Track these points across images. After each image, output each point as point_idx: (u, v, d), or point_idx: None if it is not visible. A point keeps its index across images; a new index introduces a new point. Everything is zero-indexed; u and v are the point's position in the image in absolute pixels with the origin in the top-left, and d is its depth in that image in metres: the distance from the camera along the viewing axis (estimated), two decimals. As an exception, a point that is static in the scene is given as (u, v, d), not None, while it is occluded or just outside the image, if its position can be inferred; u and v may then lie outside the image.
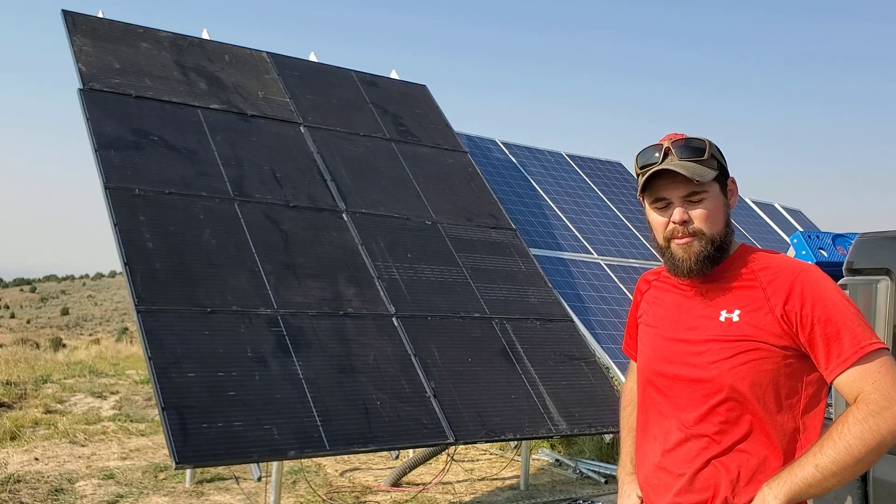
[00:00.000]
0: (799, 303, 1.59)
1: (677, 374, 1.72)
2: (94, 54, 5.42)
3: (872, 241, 2.96)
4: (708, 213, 1.67)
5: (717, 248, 1.68)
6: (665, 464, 1.73)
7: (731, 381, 1.63)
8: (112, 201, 4.50)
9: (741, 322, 1.64)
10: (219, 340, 4.12)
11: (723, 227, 1.70)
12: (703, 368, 1.67)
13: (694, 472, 1.67)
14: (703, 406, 1.67)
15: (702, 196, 1.67)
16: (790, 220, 10.32)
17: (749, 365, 1.62)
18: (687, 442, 1.69)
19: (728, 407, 1.64)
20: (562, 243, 7.16)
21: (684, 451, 1.69)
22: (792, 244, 4.97)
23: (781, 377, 1.62)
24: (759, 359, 1.62)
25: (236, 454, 3.72)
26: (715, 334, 1.67)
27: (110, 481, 5.36)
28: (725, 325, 1.66)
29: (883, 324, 2.84)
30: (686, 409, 1.69)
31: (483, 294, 5.42)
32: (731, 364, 1.63)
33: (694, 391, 1.68)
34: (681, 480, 1.69)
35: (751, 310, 1.65)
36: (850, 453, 1.48)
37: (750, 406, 1.63)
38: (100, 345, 17.60)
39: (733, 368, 1.63)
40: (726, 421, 1.65)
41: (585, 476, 6.29)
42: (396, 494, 5.48)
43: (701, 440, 1.67)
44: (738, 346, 1.64)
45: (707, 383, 1.66)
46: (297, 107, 6.08)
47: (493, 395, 4.73)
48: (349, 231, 5.28)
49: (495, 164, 7.95)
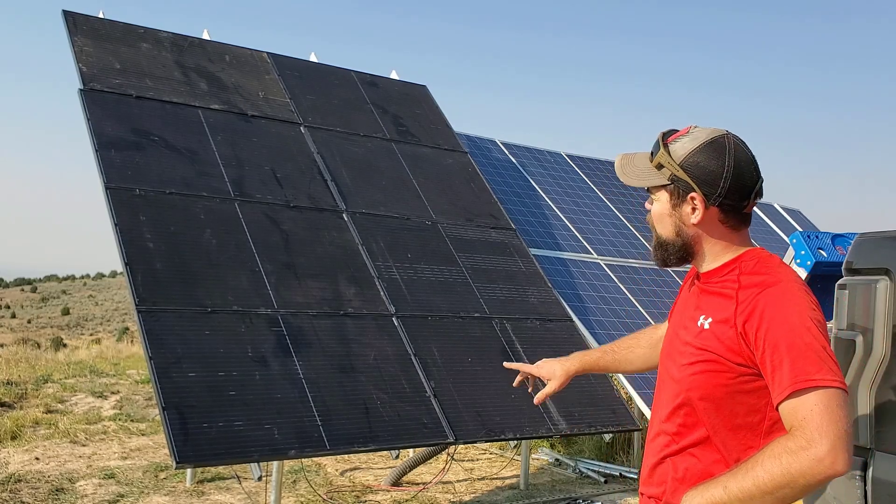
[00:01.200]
0: (757, 323, 1.53)
1: (666, 367, 1.77)
2: (95, 54, 5.42)
3: (872, 241, 2.96)
4: (655, 215, 1.73)
5: (671, 252, 1.71)
6: (647, 452, 1.80)
7: (686, 388, 1.65)
8: (113, 201, 4.51)
9: (708, 331, 1.63)
10: (219, 340, 4.13)
11: (672, 235, 1.70)
12: (677, 369, 1.70)
13: (654, 465, 1.74)
14: (670, 406, 1.70)
15: (655, 196, 1.73)
16: (789, 221, 10.32)
17: (703, 376, 1.62)
18: (658, 436, 1.74)
19: (686, 412, 1.67)
20: (561, 243, 7.17)
21: (655, 444, 1.75)
22: (791, 244, 4.98)
23: (737, 394, 1.59)
24: (714, 371, 1.60)
25: (237, 454, 3.73)
26: (688, 338, 1.68)
27: (111, 481, 5.37)
28: (698, 331, 1.66)
29: (882, 324, 2.85)
30: (663, 405, 1.74)
31: (483, 294, 5.42)
32: (690, 371, 1.65)
33: (669, 388, 1.72)
34: (646, 470, 1.77)
35: (719, 321, 1.61)
36: (757, 485, 1.44)
37: (702, 416, 1.64)
38: (100, 345, 17.61)
39: (690, 376, 1.64)
40: (683, 424, 1.67)
41: (585, 475, 6.30)
42: (397, 494, 5.49)
43: (665, 437, 1.72)
44: (697, 355, 1.64)
45: (676, 384, 1.69)
46: (298, 107, 6.09)
47: (493, 395, 4.74)
48: (349, 231, 5.29)
49: (495, 164, 7.96)
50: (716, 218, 1.67)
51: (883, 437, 2.75)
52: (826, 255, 4.88)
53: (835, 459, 1.39)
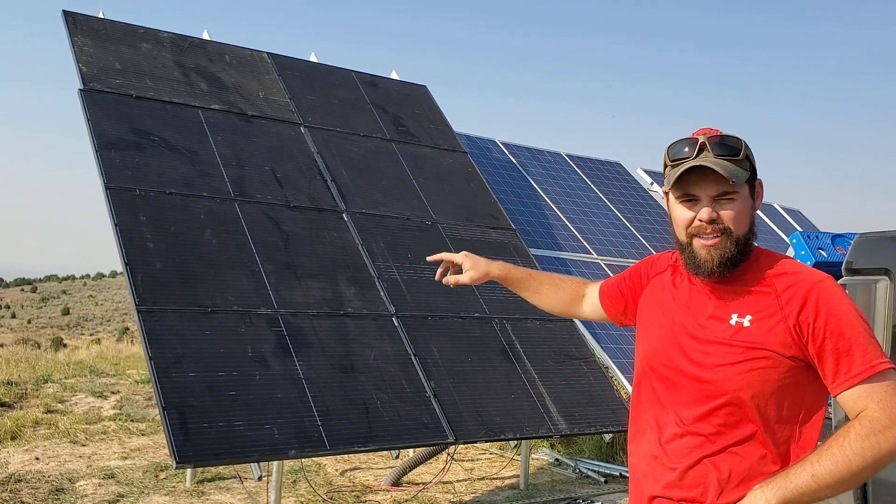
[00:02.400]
0: (813, 314, 1.59)
1: (682, 369, 1.71)
2: (95, 55, 5.43)
3: (872, 241, 2.96)
4: (736, 214, 1.65)
5: (739, 251, 1.66)
6: (659, 455, 1.73)
7: (734, 387, 1.62)
8: (113, 201, 4.51)
9: (752, 328, 1.63)
10: (219, 340, 4.13)
11: (748, 230, 1.68)
12: (707, 369, 1.66)
13: (686, 468, 1.68)
14: (704, 406, 1.66)
15: (732, 196, 1.64)
16: (789, 220, 10.32)
17: (755, 373, 1.61)
18: (683, 437, 1.69)
19: (728, 411, 1.64)
20: (561, 243, 7.17)
21: (679, 446, 1.69)
22: (791, 244, 4.98)
23: (785, 387, 1.62)
24: (766, 367, 1.61)
25: (237, 454, 3.73)
26: (723, 337, 1.66)
27: (111, 481, 5.37)
28: (735, 329, 1.65)
29: (882, 324, 2.85)
30: (686, 406, 1.69)
31: (483, 294, 5.42)
32: (737, 370, 1.62)
33: (696, 390, 1.68)
34: (672, 474, 1.69)
35: (763, 317, 1.63)
36: (848, 468, 1.49)
37: (749, 413, 1.63)
38: (100, 344, 17.60)
39: (738, 375, 1.62)
40: (725, 424, 1.64)
41: (585, 475, 6.30)
42: (397, 494, 5.49)
43: (697, 438, 1.67)
44: (745, 353, 1.62)
45: (710, 385, 1.65)
46: (298, 107, 6.09)
47: (493, 395, 4.74)
48: (349, 231, 5.29)
49: (495, 164, 7.96)
50: None
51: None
52: (826, 255, 4.88)
53: None
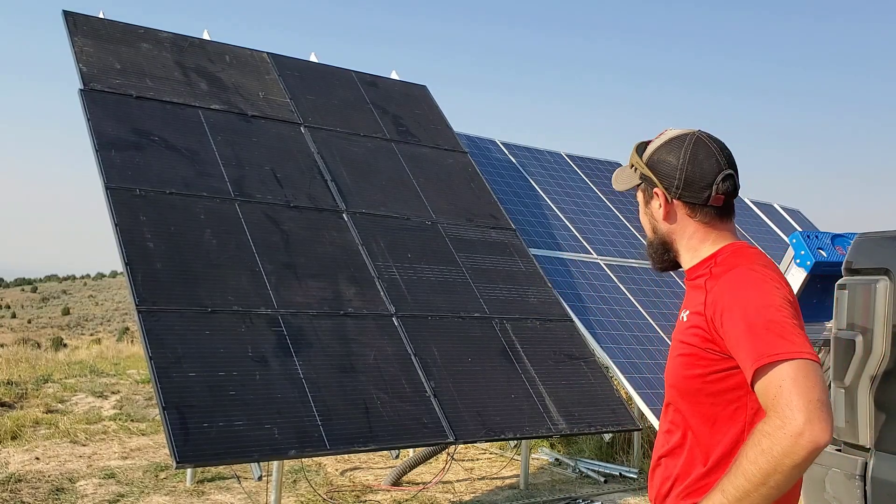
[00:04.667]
0: (720, 308, 1.53)
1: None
2: (95, 55, 5.43)
3: (872, 241, 2.96)
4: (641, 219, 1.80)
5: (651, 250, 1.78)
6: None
7: (671, 382, 1.67)
8: (113, 201, 4.52)
9: (687, 323, 1.64)
10: (219, 340, 4.13)
11: (650, 233, 1.77)
12: (667, 367, 1.73)
13: (653, 467, 1.75)
14: (666, 404, 1.73)
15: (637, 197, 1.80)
16: (789, 220, 10.33)
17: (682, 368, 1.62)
18: (658, 435, 1.76)
19: (673, 408, 1.67)
20: (561, 243, 7.17)
21: (658, 445, 1.76)
22: (791, 244, 4.98)
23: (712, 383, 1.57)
24: (691, 363, 1.59)
25: (237, 454, 3.73)
26: (675, 333, 1.71)
27: (111, 481, 5.37)
28: (679, 325, 1.69)
29: (882, 324, 2.85)
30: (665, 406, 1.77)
31: (483, 294, 5.43)
32: (673, 365, 1.66)
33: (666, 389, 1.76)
34: (650, 473, 1.78)
35: (693, 312, 1.62)
36: (748, 479, 1.37)
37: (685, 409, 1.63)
38: (101, 344, 17.60)
39: (673, 370, 1.66)
40: (672, 421, 1.68)
41: (585, 475, 6.30)
42: (397, 493, 5.49)
43: (662, 436, 1.73)
44: (679, 348, 1.64)
45: (667, 382, 1.72)
46: (298, 107, 6.09)
47: (493, 395, 4.74)
48: (349, 231, 5.29)
49: (495, 164, 7.96)
50: (684, 212, 1.69)
51: (883, 437, 2.75)
52: (826, 255, 4.88)
53: (813, 431, 1.32)
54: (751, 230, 9.56)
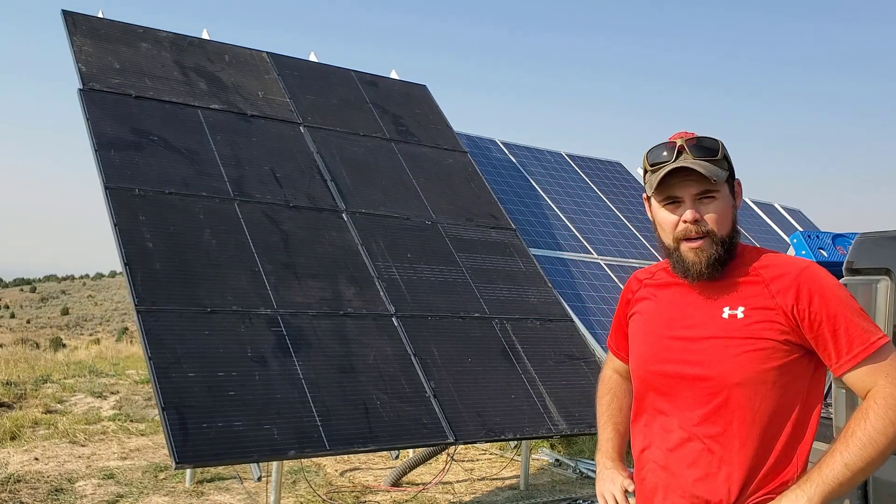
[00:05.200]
0: (807, 299, 1.59)
1: (677, 372, 1.69)
2: (94, 54, 5.42)
3: (872, 240, 2.95)
4: (719, 214, 1.66)
5: (726, 251, 1.67)
6: (668, 463, 1.70)
7: (735, 381, 1.61)
8: (112, 201, 4.51)
9: (746, 319, 1.63)
10: (219, 340, 4.12)
11: (731, 229, 1.68)
12: (705, 366, 1.64)
13: (698, 474, 1.65)
14: (707, 406, 1.64)
15: (713, 195, 1.66)
16: (790, 220, 10.32)
17: (755, 363, 1.61)
18: (690, 442, 1.66)
19: (736, 405, 1.62)
20: (562, 243, 7.17)
21: (687, 451, 1.67)
22: (792, 244, 4.97)
23: (785, 378, 1.61)
24: (765, 357, 1.60)
25: (236, 454, 3.72)
26: (717, 332, 1.65)
27: (110, 481, 5.36)
28: (729, 321, 1.64)
29: (883, 324, 2.84)
30: (689, 409, 1.67)
31: (483, 294, 5.42)
32: (738, 362, 1.61)
33: (696, 390, 1.66)
34: (685, 480, 1.66)
35: (755, 307, 1.63)
36: (876, 448, 1.50)
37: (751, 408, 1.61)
38: (100, 345, 17.60)
39: (740, 367, 1.61)
40: (730, 420, 1.62)
41: (585, 476, 6.29)
42: (396, 494, 5.48)
43: (704, 440, 1.65)
44: (744, 344, 1.62)
45: (710, 381, 1.64)
46: (297, 107, 6.08)
47: (493, 395, 4.73)
48: (349, 231, 5.28)
49: (495, 164, 7.96)
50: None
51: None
52: (827, 254, 4.87)
53: None
54: (752, 230, 9.55)
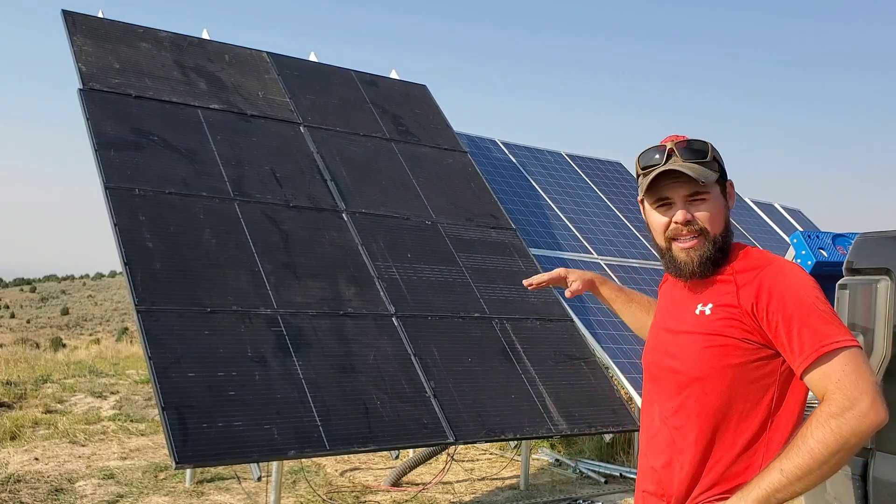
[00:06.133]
0: (766, 298, 1.59)
1: (661, 362, 1.77)
2: (94, 54, 5.42)
3: (872, 240, 2.95)
4: (710, 214, 1.69)
5: (718, 250, 1.69)
6: (646, 451, 1.78)
7: (697, 375, 1.66)
8: (112, 201, 4.51)
9: (711, 315, 1.67)
10: (219, 340, 4.12)
11: (723, 229, 1.71)
12: (677, 359, 1.71)
13: (661, 464, 1.72)
14: (678, 397, 1.70)
15: (704, 197, 1.69)
16: (790, 220, 10.32)
17: (715, 359, 1.64)
18: (663, 430, 1.73)
19: (695, 399, 1.67)
20: (562, 243, 7.17)
21: (660, 440, 1.74)
22: (792, 244, 4.97)
23: (748, 373, 1.62)
24: (725, 353, 1.63)
25: (236, 454, 3.72)
26: (689, 326, 1.71)
27: (110, 481, 5.36)
28: (699, 318, 1.69)
29: (883, 324, 2.84)
30: (668, 399, 1.73)
31: (483, 294, 5.42)
32: (699, 357, 1.66)
33: (671, 381, 1.73)
34: (656, 466, 1.74)
35: (722, 304, 1.66)
36: (814, 458, 1.46)
37: (714, 400, 1.65)
38: (100, 345, 17.60)
39: (700, 361, 1.66)
40: (689, 414, 1.68)
41: (585, 476, 6.29)
42: (396, 494, 5.48)
43: (671, 430, 1.71)
44: (706, 340, 1.66)
45: (680, 374, 1.70)
46: (297, 107, 6.08)
47: (493, 395, 4.73)
48: (349, 231, 5.28)
49: (495, 164, 7.96)
50: None
51: (883, 437, 2.75)
52: (827, 255, 4.87)
53: (877, 411, 1.46)
54: (752, 230, 9.56)
